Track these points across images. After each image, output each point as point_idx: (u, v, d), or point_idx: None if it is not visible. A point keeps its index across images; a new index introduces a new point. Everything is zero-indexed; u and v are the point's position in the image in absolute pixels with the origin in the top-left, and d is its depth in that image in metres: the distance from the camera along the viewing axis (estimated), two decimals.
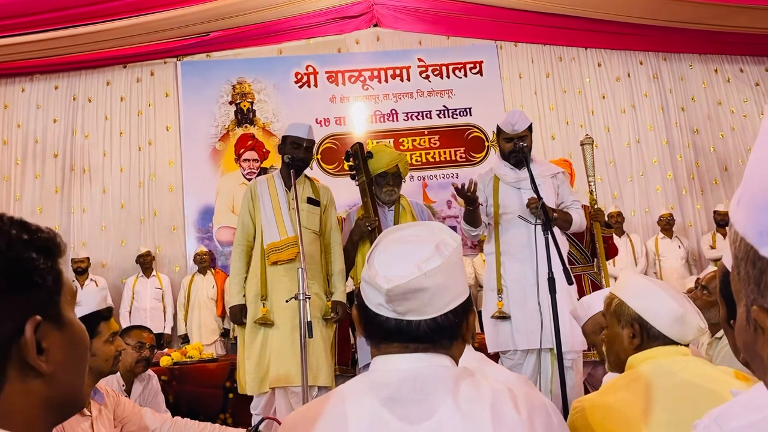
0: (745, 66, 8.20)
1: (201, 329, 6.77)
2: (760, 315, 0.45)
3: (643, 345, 1.52)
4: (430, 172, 7.72)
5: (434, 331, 1.02)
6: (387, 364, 1.04)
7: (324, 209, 3.52)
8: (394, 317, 1.02)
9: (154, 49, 7.35)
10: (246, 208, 3.50)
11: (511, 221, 3.35)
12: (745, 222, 0.46)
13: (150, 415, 2.32)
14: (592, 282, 4.05)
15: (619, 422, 1.41)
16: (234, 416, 4.19)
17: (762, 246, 0.44)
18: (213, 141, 7.62)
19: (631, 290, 1.57)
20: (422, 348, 1.03)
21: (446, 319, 1.03)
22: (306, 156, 3.48)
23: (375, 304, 1.04)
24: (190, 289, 6.91)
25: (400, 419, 0.96)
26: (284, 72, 7.81)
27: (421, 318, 1.02)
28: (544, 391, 3.12)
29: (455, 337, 1.05)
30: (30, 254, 0.68)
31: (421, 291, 1.00)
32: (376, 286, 1.01)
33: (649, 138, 7.93)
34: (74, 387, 0.73)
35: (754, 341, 0.46)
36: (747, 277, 0.46)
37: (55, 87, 7.58)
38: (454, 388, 0.99)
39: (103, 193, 7.43)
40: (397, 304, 1.01)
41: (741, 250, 0.46)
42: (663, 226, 7.08)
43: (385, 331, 1.04)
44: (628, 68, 8.11)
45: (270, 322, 3.27)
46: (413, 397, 0.98)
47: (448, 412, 0.96)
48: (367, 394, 1.01)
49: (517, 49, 8.06)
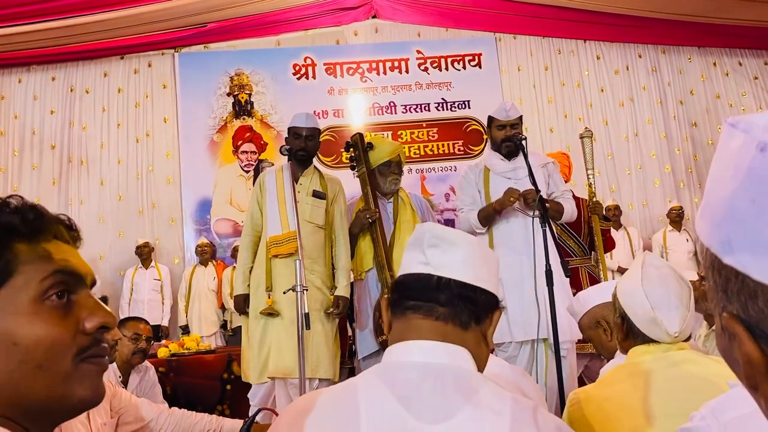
0: (744, 59, 8.19)
1: (201, 320, 6.78)
2: (729, 322, 0.47)
3: (628, 339, 1.53)
4: (428, 165, 7.71)
5: (459, 298, 1.04)
6: (405, 354, 1.03)
7: (330, 202, 3.48)
8: (426, 272, 1.06)
9: (152, 40, 7.32)
10: (255, 198, 3.49)
11: (507, 213, 3.34)
12: (707, 233, 0.49)
13: (147, 406, 2.32)
14: (590, 274, 4.06)
15: (616, 414, 1.41)
16: (231, 408, 4.19)
17: (724, 255, 0.46)
18: (211, 133, 7.61)
19: (623, 283, 1.57)
20: (443, 316, 1.04)
21: (474, 291, 1.05)
22: (308, 145, 3.43)
23: (412, 264, 1.08)
24: (191, 280, 6.91)
25: (418, 418, 0.94)
26: (282, 64, 7.78)
27: (452, 276, 1.04)
28: (539, 382, 3.13)
29: (477, 319, 1.06)
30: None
31: (454, 244, 1.07)
32: (418, 234, 1.10)
33: (647, 131, 7.93)
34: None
35: (730, 347, 0.49)
36: (715, 286, 0.49)
37: (52, 78, 7.55)
38: (475, 393, 0.97)
39: (101, 185, 7.41)
40: (433, 250, 1.06)
41: (708, 261, 0.49)
42: (673, 219, 7.07)
43: (413, 289, 1.06)
44: (627, 61, 8.09)
45: (276, 312, 3.26)
46: (432, 397, 0.96)
47: (467, 417, 0.94)
48: (382, 388, 0.98)
49: (515, 42, 8.04)
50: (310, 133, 3.44)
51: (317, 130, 3.51)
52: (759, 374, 0.46)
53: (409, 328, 1.05)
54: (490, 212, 3.30)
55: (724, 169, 0.48)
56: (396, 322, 1.08)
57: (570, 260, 3.96)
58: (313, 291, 3.25)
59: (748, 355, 0.46)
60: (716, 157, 0.50)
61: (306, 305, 2.77)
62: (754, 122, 0.46)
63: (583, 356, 3.88)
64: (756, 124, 0.46)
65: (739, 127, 0.47)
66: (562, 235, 3.99)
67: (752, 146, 0.45)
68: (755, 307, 0.45)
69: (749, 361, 0.46)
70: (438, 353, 1.01)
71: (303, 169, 3.46)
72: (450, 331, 1.04)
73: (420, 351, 1.02)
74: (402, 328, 1.07)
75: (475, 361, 1.04)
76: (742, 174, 0.45)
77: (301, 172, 3.46)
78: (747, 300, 0.45)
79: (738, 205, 0.45)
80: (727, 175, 0.47)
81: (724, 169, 0.48)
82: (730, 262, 0.46)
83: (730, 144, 0.48)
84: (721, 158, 0.49)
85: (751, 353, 0.46)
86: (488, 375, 1.50)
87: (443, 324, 1.04)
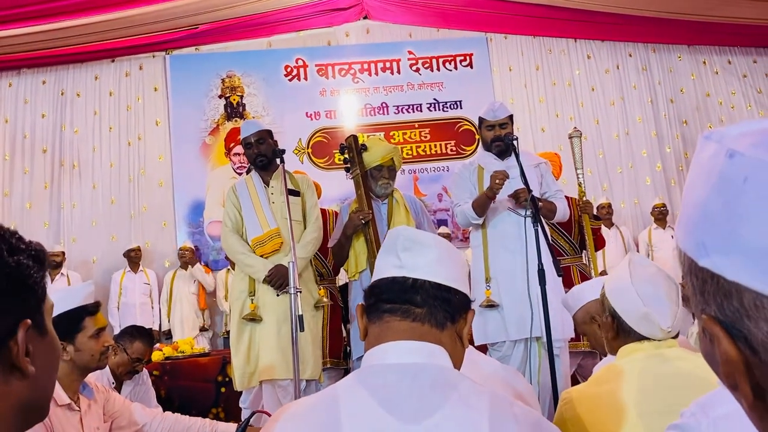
0: (733, 57, 8.25)
1: (183, 325, 6.74)
2: (707, 323, 0.49)
3: (619, 337, 1.54)
4: (420, 166, 7.72)
5: (435, 298, 1.06)
6: (383, 356, 1.04)
7: (303, 195, 3.50)
8: (401, 275, 1.07)
9: (143, 43, 7.29)
10: (231, 203, 3.47)
11: (499, 212, 3.36)
12: (684, 238, 0.51)
13: (140, 410, 2.31)
14: (581, 273, 4.08)
15: (609, 412, 1.42)
16: (226, 411, 4.19)
17: (699, 258, 0.48)
18: (203, 135, 7.59)
19: (611, 282, 1.58)
20: (420, 317, 1.06)
21: (448, 291, 1.08)
22: (261, 149, 3.43)
23: (386, 268, 1.11)
24: (173, 285, 6.88)
25: (399, 419, 0.95)
26: (274, 65, 7.77)
27: (426, 278, 1.07)
28: (532, 381, 3.14)
29: (452, 318, 1.08)
30: (28, 261, 0.72)
31: (427, 246, 1.10)
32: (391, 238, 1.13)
33: (638, 130, 7.96)
34: (48, 393, 0.77)
35: (711, 349, 0.50)
36: (694, 289, 0.50)
37: (43, 81, 7.52)
38: (454, 391, 0.98)
39: (92, 189, 7.38)
40: (407, 253, 1.08)
41: (685, 265, 0.51)
42: (656, 216, 7.09)
43: (388, 292, 1.08)
44: (617, 60, 8.13)
45: (258, 318, 3.26)
46: (412, 397, 0.97)
47: (447, 414, 0.95)
48: (363, 392, 0.99)
49: (507, 42, 8.06)
50: (258, 137, 3.45)
51: (265, 131, 3.51)
52: (737, 373, 0.47)
53: (386, 331, 1.07)
54: (483, 200, 3.30)
55: (698, 177, 0.50)
56: (372, 326, 1.10)
57: (562, 259, 3.98)
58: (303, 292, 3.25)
59: (726, 355, 0.47)
60: (691, 167, 0.52)
61: (300, 307, 2.77)
62: (726, 133, 0.49)
63: (576, 354, 3.90)
64: (728, 134, 0.48)
65: (712, 138, 0.50)
66: (553, 234, 4.01)
67: (722, 153, 0.47)
68: (731, 307, 0.46)
69: (727, 360, 0.47)
70: (416, 353, 1.03)
71: (271, 172, 3.48)
72: (427, 331, 1.06)
73: (398, 352, 1.04)
74: (379, 332, 1.08)
75: (452, 359, 1.06)
76: (713, 180, 0.47)
77: (270, 176, 3.47)
78: (723, 300, 0.47)
79: (710, 210, 0.47)
80: (700, 182, 0.49)
81: (697, 176, 0.50)
82: (706, 265, 0.48)
83: (703, 154, 0.50)
84: (696, 167, 0.51)
85: (729, 353, 0.47)
86: (482, 375, 1.52)
87: (420, 324, 1.06)
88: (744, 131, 0.48)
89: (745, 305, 0.45)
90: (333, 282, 4.16)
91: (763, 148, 0.45)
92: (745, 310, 0.45)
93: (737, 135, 0.47)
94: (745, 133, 0.47)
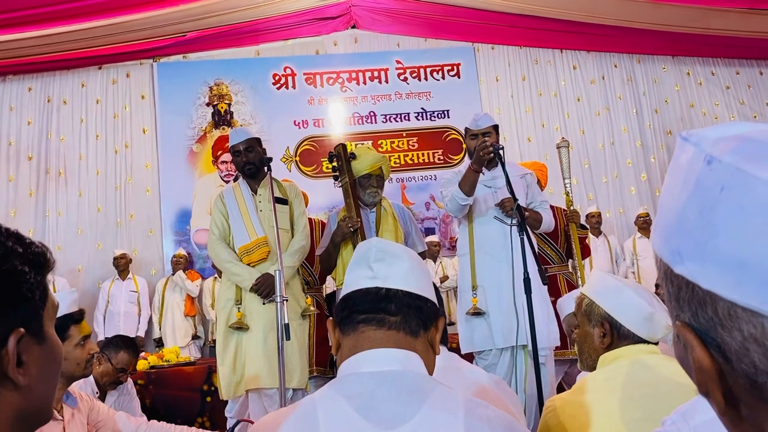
0: (717, 69, 8.36)
1: (175, 332, 6.72)
2: (681, 330, 0.49)
3: (614, 344, 1.55)
4: (408, 174, 7.74)
5: (408, 306, 1.09)
6: (359, 365, 1.06)
7: (291, 203, 3.50)
8: (375, 286, 1.10)
9: (130, 50, 7.26)
10: (218, 211, 3.46)
11: (485, 221, 3.37)
12: (660, 244, 0.50)
13: (124, 419, 2.30)
14: (568, 282, 4.10)
15: (592, 420, 1.43)
16: (212, 420, 4.16)
17: (675, 265, 0.48)
18: (190, 143, 7.57)
19: (600, 290, 1.60)
20: (394, 325, 1.08)
21: (419, 300, 1.11)
22: (249, 157, 3.42)
23: (358, 280, 1.13)
24: (164, 292, 6.85)
25: (376, 425, 0.97)
26: (262, 73, 7.78)
27: (399, 287, 1.10)
28: (518, 389, 3.15)
29: (425, 326, 1.11)
30: (23, 268, 0.69)
31: (398, 257, 1.13)
32: (362, 250, 1.16)
33: (623, 140, 8.04)
34: (46, 401, 0.74)
35: (685, 355, 0.50)
36: (669, 295, 0.50)
37: (29, 88, 7.47)
38: (429, 395, 1.00)
39: (79, 197, 7.33)
40: (379, 264, 1.11)
41: (661, 270, 0.51)
42: (640, 226, 7.14)
43: (362, 303, 1.10)
44: (603, 71, 8.21)
45: (245, 326, 3.25)
46: (388, 403, 0.99)
47: (423, 419, 0.98)
48: (340, 401, 1.01)
49: (494, 52, 8.12)
50: (247, 145, 3.43)
51: (254, 140, 3.49)
52: (710, 381, 0.47)
53: (362, 341, 1.09)
54: (468, 175, 3.27)
55: (675, 182, 0.49)
56: (346, 338, 1.12)
57: (548, 268, 4.00)
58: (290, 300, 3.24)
59: (699, 362, 0.47)
60: (669, 169, 0.51)
61: (286, 316, 2.76)
62: (705, 136, 0.48)
63: (563, 362, 3.92)
64: (706, 137, 0.48)
65: (691, 140, 0.49)
66: (539, 243, 4.03)
67: (700, 159, 0.47)
68: (705, 315, 0.46)
69: (700, 367, 0.47)
70: (392, 360, 1.06)
71: (259, 180, 3.47)
72: (402, 339, 1.08)
73: (374, 359, 1.06)
74: (354, 343, 1.10)
75: (425, 366, 1.09)
76: (690, 187, 0.47)
77: (258, 184, 3.47)
78: (697, 308, 0.47)
79: (687, 217, 0.47)
80: (677, 188, 0.49)
81: (675, 181, 0.49)
82: (681, 272, 0.47)
83: (681, 157, 0.50)
84: (673, 171, 0.50)
85: (702, 360, 0.47)
86: (466, 384, 1.53)
87: (395, 332, 1.08)
88: (722, 135, 0.47)
89: (719, 314, 0.45)
90: (319, 290, 4.15)
91: (740, 156, 0.44)
92: (719, 318, 0.45)
93: (716, 140, 0.47)
94: (723, 138, 0.47)
